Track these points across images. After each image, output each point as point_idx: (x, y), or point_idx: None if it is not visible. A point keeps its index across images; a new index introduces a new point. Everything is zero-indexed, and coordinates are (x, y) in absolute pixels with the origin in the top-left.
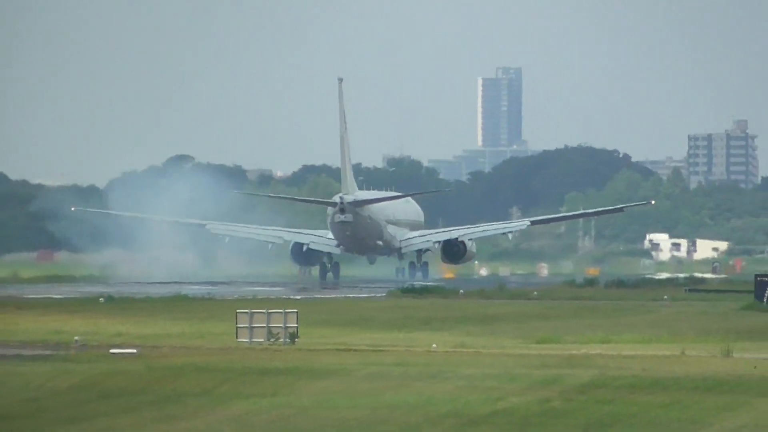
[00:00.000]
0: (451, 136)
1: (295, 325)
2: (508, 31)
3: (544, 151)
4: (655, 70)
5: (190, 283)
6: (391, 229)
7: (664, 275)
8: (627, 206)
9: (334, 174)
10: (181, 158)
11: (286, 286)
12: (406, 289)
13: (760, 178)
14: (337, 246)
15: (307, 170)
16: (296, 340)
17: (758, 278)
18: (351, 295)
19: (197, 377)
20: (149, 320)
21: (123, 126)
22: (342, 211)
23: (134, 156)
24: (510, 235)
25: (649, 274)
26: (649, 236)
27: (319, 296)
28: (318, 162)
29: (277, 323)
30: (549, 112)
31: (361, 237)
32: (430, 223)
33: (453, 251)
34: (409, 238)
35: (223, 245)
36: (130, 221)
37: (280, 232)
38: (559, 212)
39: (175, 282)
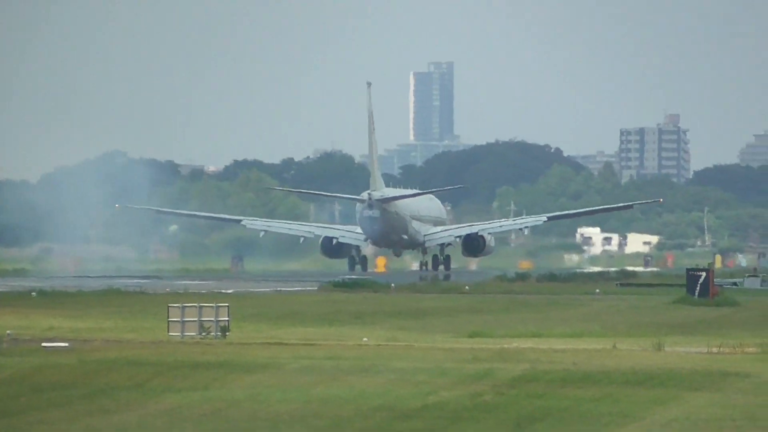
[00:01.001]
0: (384, 130)
1: (227, 319)
2: (441, 26)
3: (476, 145)
4: (588, 64)
5: (123, 276)
6: (415, 224)
7: (595, 269)
8: (636, 203)
9: (266, 168)
10: (114, 153)
11: (221, 279)
12: (337, 283)
13: (691, 172)
14: (365, 240)
15: (239, 165)
16: (227, 334)
17: (690, 272)
18: (283, 289)
19: (129, 371)
20: (82, 314)
21: (55, 121)
22: (370, 207)
23: (67, 151)
24: (526, 230)
25: (580, 268)
26: (580, 230)
27: (251, 290)
28: (250, 157)
29: (208, 317)
30: (481, 106)
31: (388, 231)
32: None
33: (473, 245)
34: (432, 233)
35: (161, 239)
36: (59, 213)
37: (312, 227)
38: (491, 207)
39: (108, 276)
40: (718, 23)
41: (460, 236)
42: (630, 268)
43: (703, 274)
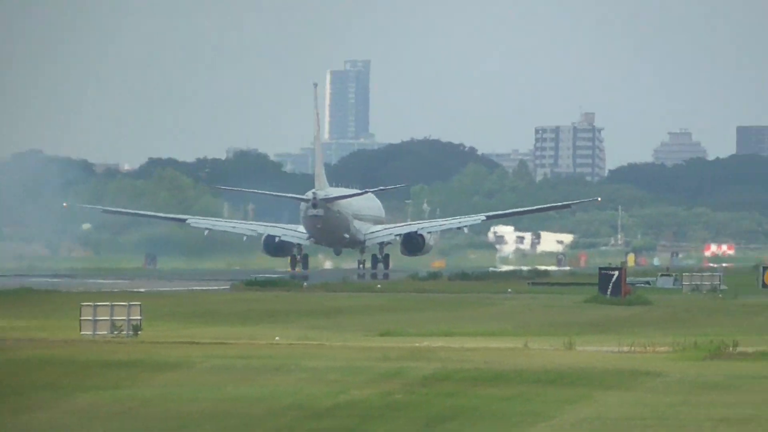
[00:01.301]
0: (299, 128)
1: (139, 318)
2: (356, 24)
3: (391, 144)
4: (503, 63)
5: (36, 275)
6: (356, 223)
7: (508, 268)
8: (574, 203)
9: (181, 167)
10: (29, 152)
11: (134, 278)
12: (249, 282)
13: (606, 171)
14: (308, 238)
15: (154, 163)
16: (139, 332)
17: (602, 271)
18: (196, 288)
19: (41, 370)
20: None
21: None
22: (314, 206)
23: None
24: (466, 229)
25: (493, 267)
26: (494, 229)
27: (164, 289)
28: (165, 155)
29: (120, 316)
30: (396, 105)
31: (331, 230)
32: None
33: (412, 244)
34: (372, 232)
35: (74, 237)
36: None
37: (255, 226)
38: (406, 204)
39: (20, 275)
40: (633, 22)
41: (400, 235)
42: (542, 267)
43: (616, 273)
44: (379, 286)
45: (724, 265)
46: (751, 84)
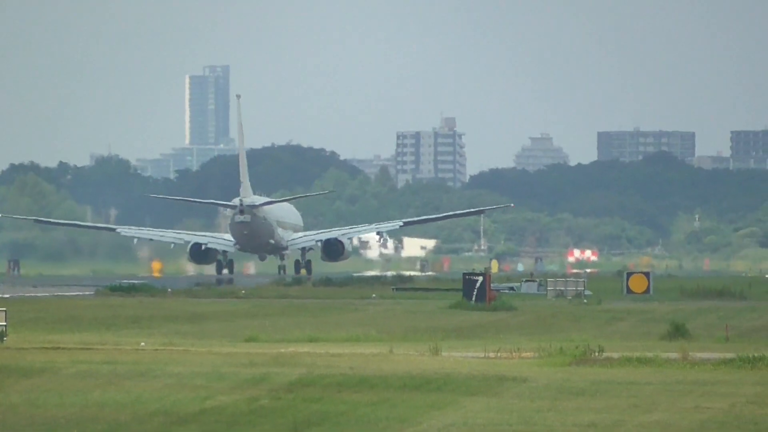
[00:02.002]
0: (159, 133)
1: (4, 324)
2: (216, 28)
3: (252, 149)
4: (364, 68)
5: None
6: (279, 230)
7: (372, 273)
8: (487, 209)
9: (43, 173)
10: None
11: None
12: (114, 287)
13: (467, 176)
14: (234, 245)
15: (15, 169)
16: (5, 339)
17: (466, 276)
18: (61, 294)
19: None
20: None
21: None
22: (242, 212)
23: None
24: (385, 235)
25: (357, 272)
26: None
27: (28, 295)
28: (26, 160)
29: None
30: (256, 110)
31: (257, 236)
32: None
33: (332, 250)
34: (295, 238)
35: None
36: None
37: (181, 234)
38: None
39: None
40: (493, 25)
41: (321, 240)
42: (407, 273)
43: (480, 278)
44: (243, 291)
45: (587, 270)
46: (611, 88)
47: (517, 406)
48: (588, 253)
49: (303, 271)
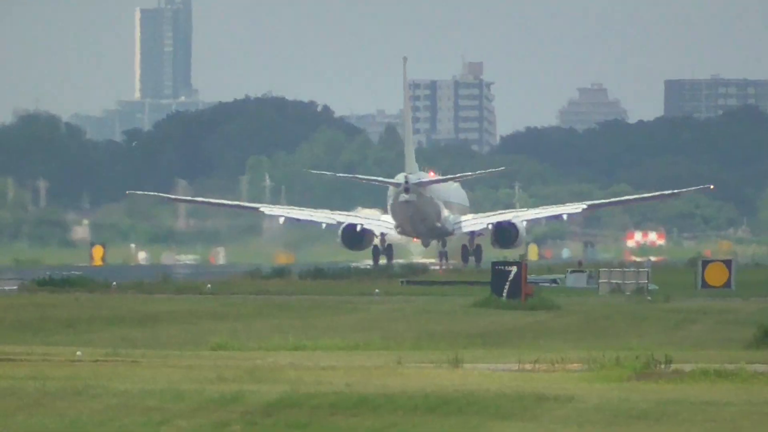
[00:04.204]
0: (102, 84)
1: None
2: None
3: (221, 103)
4: (364, 1)
5: None
6: (446, 212)
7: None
8: (684, 191)
9: None
10: None
11: None
12: (42, 281)
13: (498, 138)
14: (396, 228)
15: None
16: None
17: (496, 266)
18: None
19: None
20: None
21: None
22: (407, 190)
23: None
24: (565, 217)
25: (355, 261)
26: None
27: None
28: None
29: None
30: (226, 54)
31: (423, 218)
32: None
33: (505, 235)
34: (461, 221)
35: None
36: None
37: (333, 215)
38: (239, 181)
39: None
40: None
41: (492, 224)
42: (419, 261)
43: (514, 269)
44: (209, 286)
45: (652, 258)
46: (681, 27)
47: None
48: (652, 236)
49: (472, 259)
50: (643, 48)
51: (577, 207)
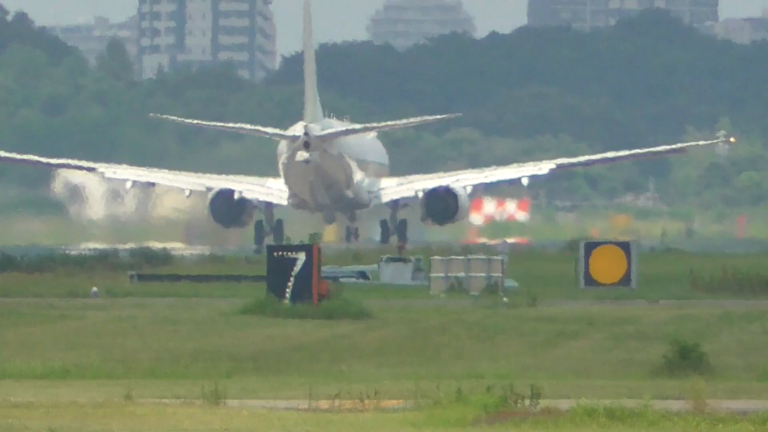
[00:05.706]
0: None
1: None
2: None
3: None
4: None
5: None
6: (359, 176)
7: (95, 245)
8: (688, 145)
9: None
10: None
11: None
12: None
13: (277, 60)
14: (289, 198)
15: None
16: None
17: (275, 253)
18: None
19: None
20: None
21: None
22: (306, 146)
23: None
24: (526, 181)
25: (65, 244)
26: (62, 172)
27: None
28: None
29: None
30: None
31: (328, 184)
32: None
33: (440, 206)
34: (381, 188)
35: None
36: None
37: (202, 179)
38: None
39: None
40: None
41: (423, 190)
42: (160, 245)
43: (301, 256)
44: None
45: (509, 240)
46: None
47: None
48: (511, 205)
49: (393, 239)
50: None
51: (541, 168)
